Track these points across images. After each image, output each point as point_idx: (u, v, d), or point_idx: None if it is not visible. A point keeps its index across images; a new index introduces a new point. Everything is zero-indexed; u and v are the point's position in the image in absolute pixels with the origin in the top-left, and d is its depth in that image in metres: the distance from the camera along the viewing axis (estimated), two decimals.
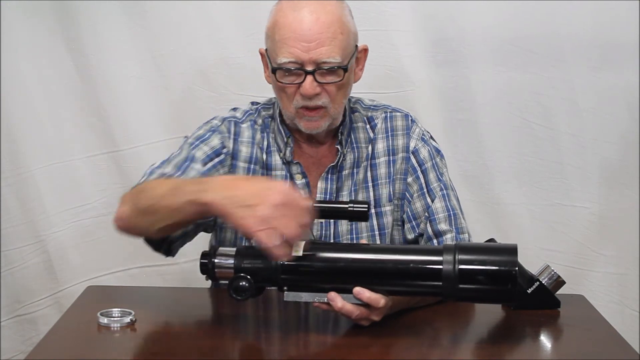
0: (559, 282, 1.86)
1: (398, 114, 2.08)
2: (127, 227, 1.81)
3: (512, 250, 1.60)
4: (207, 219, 1.94)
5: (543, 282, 1.84)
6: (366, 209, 1.68)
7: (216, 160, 1.96)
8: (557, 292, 1.86)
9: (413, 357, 1.63)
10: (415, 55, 2.51)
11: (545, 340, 1.76)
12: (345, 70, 1.91)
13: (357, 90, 2.24)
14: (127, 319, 1.72)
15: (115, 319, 1.72)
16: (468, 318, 1.83)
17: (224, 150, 1.98)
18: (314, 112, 1.93)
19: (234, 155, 2.00)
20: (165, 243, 1.89)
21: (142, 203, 1.75)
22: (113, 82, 2.51)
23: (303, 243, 1.65)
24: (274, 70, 1.92)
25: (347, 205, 1.69)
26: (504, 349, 1.68)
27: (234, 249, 1.69)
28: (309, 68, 1.89)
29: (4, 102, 2.46)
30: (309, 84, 1.89)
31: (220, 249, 1.70)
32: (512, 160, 2.55)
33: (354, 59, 1.96)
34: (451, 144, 2.53)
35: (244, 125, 2.03)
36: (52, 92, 2.51)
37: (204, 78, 2.52)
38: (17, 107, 2.48)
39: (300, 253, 1.64)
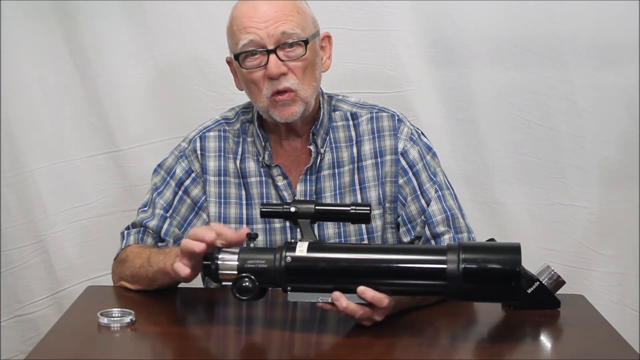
0: (559, 282, 1.86)
1: (384, 114, 2.05)
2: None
3: (515, 249, 1.61)
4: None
5: (543, 282, 1.84)
6: (369, 212, 1.69)
7: (187, 182, 2.04)
8: (557, 292, 1.86)
9: (413, 356, 1.63)
10: (415, 55, 2.51)
11: (545, 340, 1.76)
12: (306, 43, 1.91)
13: (358, 90, 2.25)
14: (127, 319, 1.71)
15: (115, 319, 1.72)
16: (468, 318, 1.83)
17: (192, 174, 2.04)
18: (285, 96, 1.92)
19: (203, 171, 2.04)
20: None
21: (126, 273, 1.94)
22: (113, 82, 2.51)
23: (307, 244, 1.65)
24: (236, 57, 1.93)
25: (349, 208, 1.70)
26: (504, 349, 1.68)
27: (237, 249, 1.68)
28: (271, 47, 1.90)
29: (4, 102, 2.46)
30: (273, 63, 1.90)
31: (223, 250, 1.68)
32: (512, 160, 2.55)
33: (317, 41, 1.96)
34: (451, 143, 2.53)
35: (211, 134, 2.05)
36: (52, 92, 2.51)
37: (204, 78, 2.52)
38: (17, 107, 2.48)
39: (305, 254, 1.64)
